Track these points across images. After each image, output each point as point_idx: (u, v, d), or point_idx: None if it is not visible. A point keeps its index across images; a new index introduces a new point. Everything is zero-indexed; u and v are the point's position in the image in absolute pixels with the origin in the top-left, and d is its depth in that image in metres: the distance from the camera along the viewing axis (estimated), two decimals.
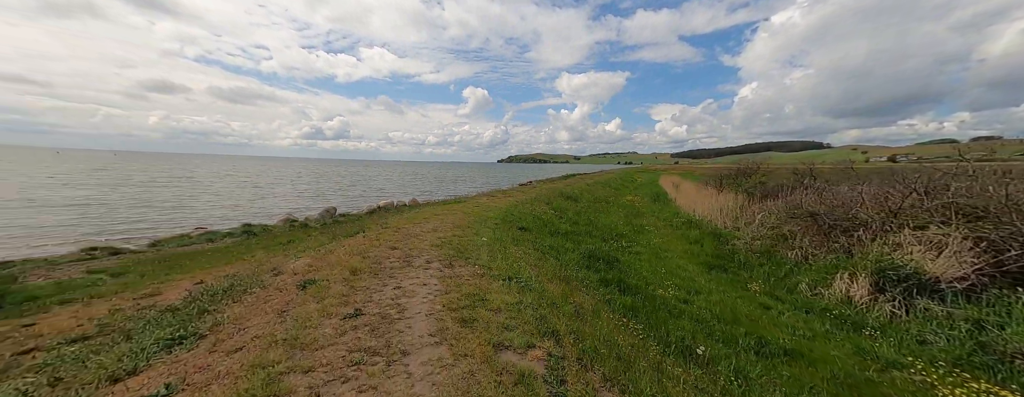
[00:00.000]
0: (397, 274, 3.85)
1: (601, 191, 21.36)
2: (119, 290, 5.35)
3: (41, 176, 31.31)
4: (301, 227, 11.74)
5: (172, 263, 7.42)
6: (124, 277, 6.39)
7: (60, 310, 4.52)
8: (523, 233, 7.46)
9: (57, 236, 11.82)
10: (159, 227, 13.53)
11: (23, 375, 2.95)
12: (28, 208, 16.83)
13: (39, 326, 3.96)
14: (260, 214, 16.70)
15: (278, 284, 4.29)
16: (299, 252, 6.69)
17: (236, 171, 56.44)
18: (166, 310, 3.99)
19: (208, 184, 32.27)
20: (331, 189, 31.80)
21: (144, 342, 3.04)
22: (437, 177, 59.31)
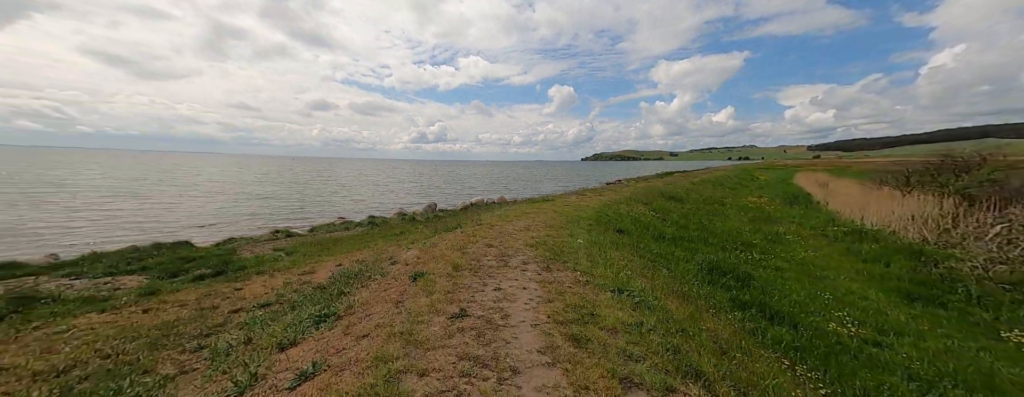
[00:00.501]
0: (496, 274, 3.69)
1: (711, 191, 17.95)
2: (290, 266, 6.66)
3: (252, 177, 42.64)
4: (410, 220, 13.11)
5: (323, 246, 9.01)
6: (293, 256, 7.98)
7: (256, 279, 5.82)
8: (622, 236, 6.57)
9: (258, 221, 15.76)
10: (314, 216, 16.86)
11: (231, 331, 3.80)
12: (246, 199, 22.95)
13: (243, 290, 5.15)
14: (380, 208, 19.38)
15: (394, 273, 4.66)
16: (409, 244, 7.34)
17: (364, 172, 67.33)
18: (317, 288, 4.73)
19: (345, 182, 39.25)
20: (431, 187, 35.25)
21: (302, 315, 3.56)
22: (522, 176, 60.37)
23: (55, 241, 9.80)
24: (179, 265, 6.32)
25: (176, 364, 2.78)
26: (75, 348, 2.97)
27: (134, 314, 3.80)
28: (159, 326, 3.50)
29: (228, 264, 6.53)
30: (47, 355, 2.85)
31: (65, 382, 2.50)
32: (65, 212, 14.82)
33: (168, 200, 20.19)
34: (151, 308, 4.02)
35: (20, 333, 3.27)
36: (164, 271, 5.97)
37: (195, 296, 4.51)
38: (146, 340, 3.18)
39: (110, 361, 2.81)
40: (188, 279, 5.51)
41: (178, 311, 3.94)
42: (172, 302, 4.22)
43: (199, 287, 4.92)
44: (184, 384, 2.41)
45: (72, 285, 5.32)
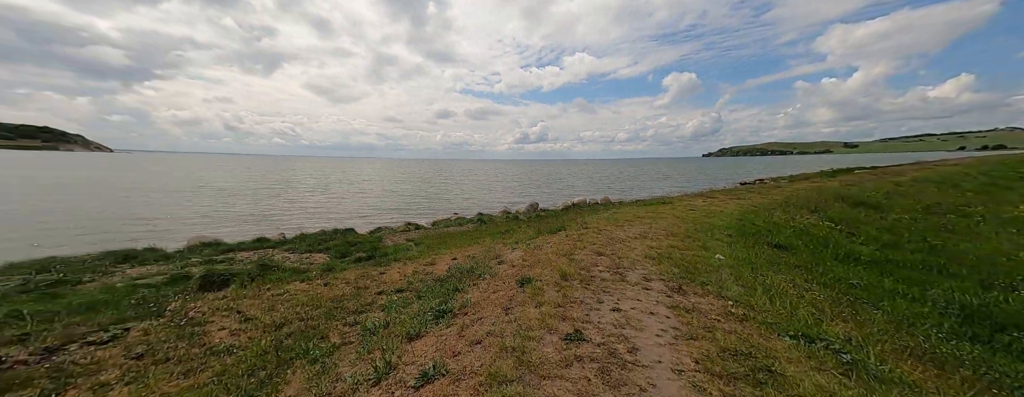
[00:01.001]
0: (611, 289, 3.26)
1: (936, 194, 12.58)
2: (417, 256, 7.76)
3: (393, 176, 53.01)
4: (513, 219, 13.60)
5: (442, 239, 10.22)
6: (420, 246, 9.31)
7: (394, 265, 6.98)
8: (783, 254, 5.15)
9: (396, 213, 19.31)
10: (435, 211, 19.49)
11: (375, 311, 4.56)
12: (388, 195, 28.55)
13: (385, 275, 6.22)
14: (487, 206, 20.94)
15: (502, 274, 4.75)
16: (514, 243, 7.49)
17: (473, 172, 74.66)
18: (437, 280, 5.27)
19: (458, 181, 44.28)
20: (532, 186, 36.16)
21: (425, 306, 3.96)
22: (627, 174, 55.85)
23: (282, 223, 14.12)
24: (346, 248, 8.11)
25: (340, 335, 3.41)
26: (286, 309, 4.00)
27: (318, 286, 4.96)
28: (332, 299, 4.43)
29: (376, 250, 8.01)
30: (271, 312, 3.92)
31: (279, 335, 3.35)
32: (287, 202, 21.19)
33: (341, 195, 26.52)
34: (329, 282, 5.17)
35: (260, 291, 4.65)
36: (337, 252, 7.74)
37: (354, 276, 5.61)
38: (324, 310, 4.04)
39: (304, 324, 3.66)
40: (351, 260, 6.96)
41: (343, 288, 4.93)
42: (340, 279, 5.34)
43: (357, 268, 6.13)
44: (343, 355, 2.90)
45: (288, 257, 7.43)
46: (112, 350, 2.94)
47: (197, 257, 7.08)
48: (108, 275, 5.91)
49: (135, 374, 2.63)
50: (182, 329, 3.37)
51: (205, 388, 2.47)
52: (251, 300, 4.31)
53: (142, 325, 3.47)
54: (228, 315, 3.81)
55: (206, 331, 3.41)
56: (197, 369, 2.77)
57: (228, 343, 3.20)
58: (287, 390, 2.38)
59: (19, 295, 4.27)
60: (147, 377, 2.61)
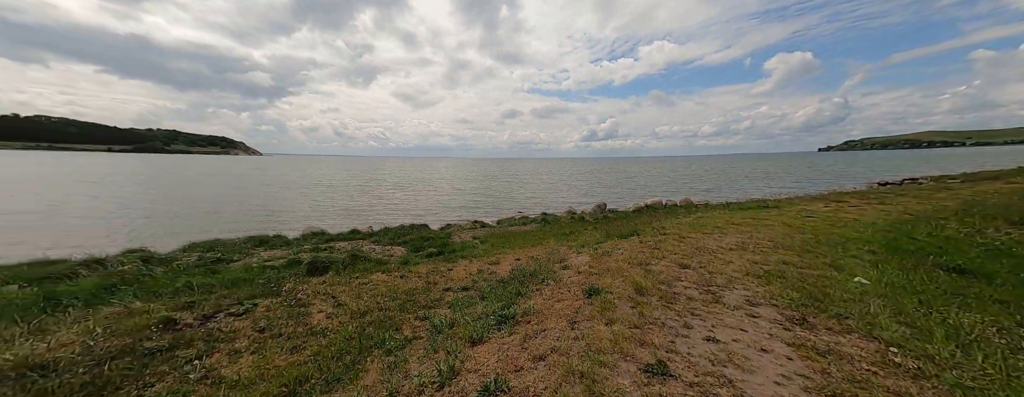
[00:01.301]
0: (702, 312, 2.78)
1: None
2: (482, 255, 7.98)
3: (463, 175, 56.41)
4: (579, 220, 13.08)
5: (506, 239, 10.37)
6: (485, 245, 9.59)
7: (461, 262, 7.30)
8: (967, 282, 3.71)
9: (463, 211, 20.40)
10: (500, 210, 19.97)
11: (443, 308, 4.77)
12: (457, 193, 30.40)
13: (453, 272, 6.51)
14: (551, 205, 20.64)
15: (566, 280, 4.50)
16: (579, 246, 7.13)
17: (538, 170, 74.73)
18: (500, 282, 5.29)
19: (523, 180, 44.72)
20: (599, 185, 34.47)
21: (488, 309, 3.97)
22: (714, 172, 49.46)
23: (370, 217, 16.07)
24: (420, 243, 8.78)
25: (411, 328, 3.61)
26: (369, 298, 4.43)
27: (396, 278, 5.41)
28: (407, 291, 4.76)
29: (445, 246, 8.48)
30: (358, 299, 4.38)
31: (362, 323, 3.70)
32: (375, 198, 24.06)
33: (417, 192, 29.03)
34: (404, 275, 5.61)
35: (350, 279, 5.27)
36: (413, 246, 8.42)
37: (426, 270, 5.99)
38: (399, 302, 4.36)
39: (382, 313, 3.99)
40: (424, 255, 7.49)
41: (416, 281, 5.29)
42: (414, 273, 5.75)
43: (428, 263, 6.55)
44: (412, 351, 3.04)
45: (374, 249, 8.35)
46: (244, 321, 3.60)
47: (308, 244, 8.45)
48: (249, 256, 7.42)
49: (258, 345, 3.15)
50: (292, 309, 3.96)
51: (305, 365, 2.81)
52: (343, 286, 4.90)
53: (265, 301, 4.18)
54: (325, 299, 4.37)
55: (309, 312, 3.95)
56: (300, 346, 3.20)
57: (324, 325, 3.64)
58: (365, 378, 2.57)
59: (194, 269, 5.63)
60: (265, 349, 3.10)
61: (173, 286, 4.46)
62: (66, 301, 3.90)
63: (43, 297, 3.87)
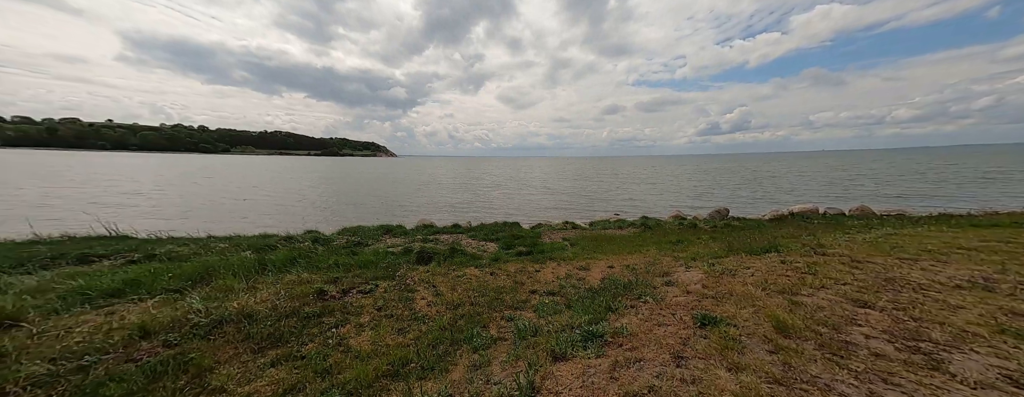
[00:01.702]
0: (903, 382, 1.84)
1: None
2: (572, 257, 7.68)
3: (557, 173, 56.43)
4: (690, 226, 11.28)
5: (598, 242, 9.75)
6: (575, 247, 9.22)
7: (549, 264, 7.18)
8: None
9: (554, 211, 20.25)
10: (594, 211, 19.00)
11: (528, 311, 4.74)
12: (549, 193, 30.49)
13: (540, 274, 6.45)
14: (653, 209, 18.48)
15: (670, 299, 3.86)
16: (689, 259, 6.09)
17: (640, 169, 68.39)
18: (589, 290, 4.93)
19: (621, 180, 41.61)
20: (717, 188, 29.15)
21: (575, 320, 3.72)
22: (913, 171, 35.98)
23: (468, 213, 17.57)
24: (511, 241, 9.06)
25: (497, 328, 3.67)
26: (462, 291, 4.75)
27: (486, 274, 5.67)
28: (495, 289, 4.92)
29: (535, 246, 8.51)
30: (453, 291, 4.75)
31: (455, 315, 3.97)
32: (473, 195, 26.20)
33: (511, 190, 30.27)
34: (494, 272, 5.84)
35: (448, 270, 5.79)
36: (504, 243, 8.76)
37: (514, 269, 6.10)
38: (488, 298, 4.53)
39: (473, 308, 4.21)
40: (514, 253, 7.68)
41: (504, 279, 5.42)
42: (502, 271, 5.92)
43: (517, 261, 6.67)
44: (496, 352, 3.06)
45: (470, 243, 9.04)
46: (368, 299, 4.32)
47: (419, 235, 9.78)
48: (378, 242, 9.04)
49: (375, 323, 3.71)
50: (402, 293, 4.56)
51: (407, 348, 3.16)
52: (441, 277, 5.41)
53: (384, 284, 4.94)
54: (427, 287, 4.88)
55: (413, 298, 4.48)
56: (405, 329, 3.62)
57: (424, 312, 4.05)
58: (453, 373, 2.70)
59: (341, 250, 7.15)
60: (380, 327, 3.62)
61: (327, 262, 5.74)
62: (268, 267, 5.46)
63: (257, 262, 5.52)
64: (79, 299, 3.87)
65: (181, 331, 3.17)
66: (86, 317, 3.40)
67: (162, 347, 2.93)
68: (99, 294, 4.01)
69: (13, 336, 2.94)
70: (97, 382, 2.35)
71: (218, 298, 4.03)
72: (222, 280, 4.55)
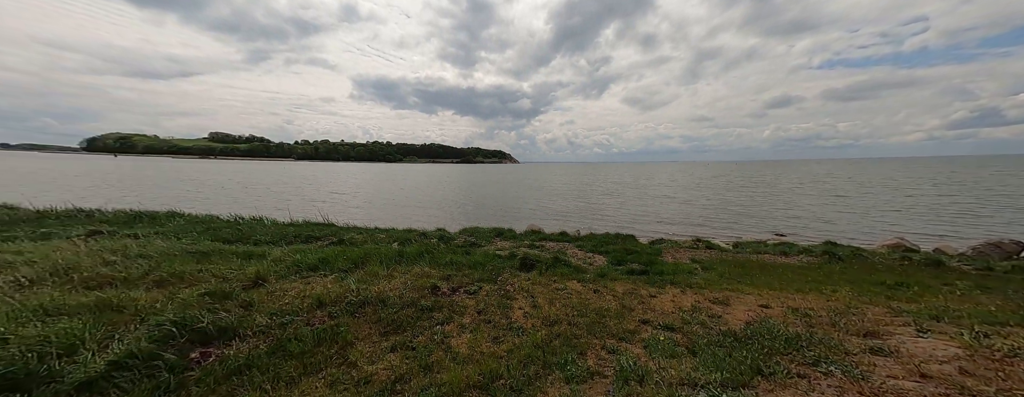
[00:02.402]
0: None
1: None
2: (702, 285, 6.23)
3: (691, 182, 48.58)
4: (926, 264, 7.59)
5: (745, 269, 7.63)
6: (709, 272, 7.49)
7: (668, 290, 5.97)
8: None
9: (682, 225, 17.22)
10: (739, 229, 15.19)
11: (635, 346, 4.03)
12: (676, 203, 26.41)
13: (655, 300, 5.44)
14: (850, 231, 13.31)
15: (884, 383, 2.54)
16: (925, 314, 4.01)
17: (830, 177, 51.31)
18: (727, 335, 3.80)
19: (786, 190, 32.10)
20: (987, 206, 18.82)
21: (698, 376, 2.90)
22: None
23: (578, 221, 16.97)
24: (623, 255, 8.17)
25: (596, 359, 3.26)
26: (560, 306, 4.50)
27: (589, 291, 5.23)
28: (598, 310, 4.45)
29: (651, 265, 7.39)
30: (551, 305, 4.56)
31: (550, 333, 3.76)
32: (586, 202, 25.23)
33: (629, 199, 27.77)
34: (598, 290, 5.33)
35: (549, 281, 5.62)
36: (614, 258, 7.97)
37: (622, 290, 5.40)
38: (588, 320, 4.13)
39: (570, 328, 3.91)
40: (624, 270, 6.87)
41: (610, 300, 4.85)
42: (608, 290, 5.33)
43: (627, 281, 5.89)
44: (592, 390, 2.68)
45: (576, 254, 8.62)
46: (472, 300, 4.60)
47: (527, 240, 10.03)
48: (490, 244, 9.75)
49: (475, 326, 3.89)
50: (501, 299, 4.67)
51: (499, 360, 3.15)
52: (541, 288, 5.28)
53: (487, 287, 5.19)
54: (526, 297, 4.85)
55: (512, 306, 4.50)
56: (500, 338, 3.65)
57: (520, 323, 4.01)
58: None
59: (458, 249, 8.01)
60: (479, 331, 3.77)
61: (444, 259, 6.50)
62: (404, 258, 6.60)
63: (397, 254, 6.77)
64: (295, 269, 5.59)
65: (340, 305, 4.11)
66: (295, 284, 4.86)
67: (328, 317, 3.86)
68: (305, 267, 5.69)
69: (259, 291, 4.45)
70: (288, 338, 3.26)
71: (367, 281, 5.07)
72: (372, 266, 5.73)
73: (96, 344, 2.76)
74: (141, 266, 5.24)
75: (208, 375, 2.58)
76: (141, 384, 2.35)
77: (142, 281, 4.65)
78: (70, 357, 2.54)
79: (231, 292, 4.23)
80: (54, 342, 2.63)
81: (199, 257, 6.16)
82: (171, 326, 2.98)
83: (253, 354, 2.90)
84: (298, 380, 2.65)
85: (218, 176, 48.90)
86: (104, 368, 2.36)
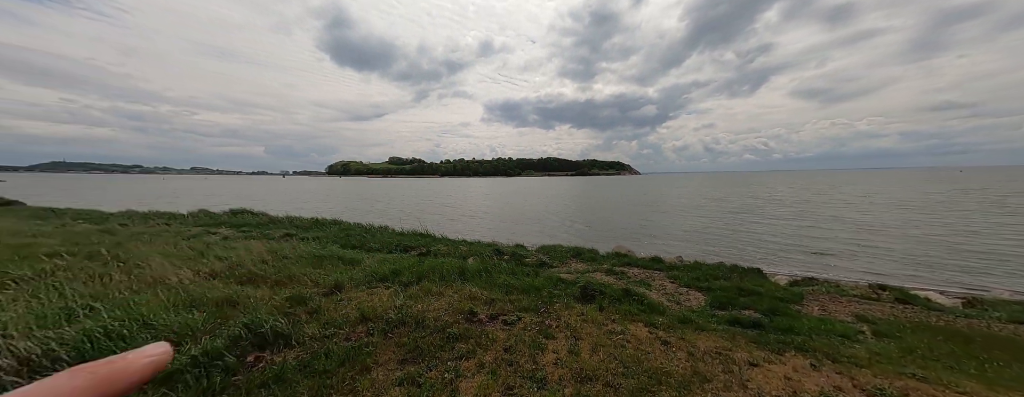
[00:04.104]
0: None
1: None
2: (860, 360, 4.10)
3: (902, 198, 35.15)
4: None
5: (967, 347, 4.77)
6: (883, 341, 4.95)
7: (791, 360, 4.04)
8: None
9: (849, 261, 12.09)
10: (985, 275, 9.80)
11: None
12: (858, 229, 19.12)
13: (758, 373, 3.75)
14: None
15: None
16: None
17: None
18: None
19: None
20: None
21: None
22: None
23: (683, 245, 14.26)
24: (732, 296, 6.34)
25: None
26: (603, 358, 3.72)
27: (655, 342, 4.17)
28: (653, 372, 3.49)
29: (777, 313, 5.48)
30: (593, 353, 3.81)
31: (577, 393, 3.11)
32: (705, 218, 21.21)
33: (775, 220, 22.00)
34: (669, 342, 4.20)
35: (606, 319, 4.77)
36: (717, 298, 6.26)
37: (707, 346, 4.11)
38: (633, 385, 3.26)
39: (604, 392, 3.15)
40: (726, 318, 5.28)
41: (678, 361, 3.74)
42: (685, 344, 4.14)
43: (721, 335, 4.46)
44: None
45: (664, 286, 7.18)
46: (504, 334, 4.29)
47: (607, 264, 8.99)
48: (563, 264, 9.16)
49: (494, 366, 3.57)
50: (536, 336, 4.20)
51: None
52: (593, 327, 4.53)
53: (527, 317, 4.78)
54: (568, 338, 4.23)
55: (546, 348, 3.99)
56: (514, 389, 3.23)
57: (546, 373, 3.48)
58: None
59: (521, 270, 7.77)
60: (495, 374, 3.43)
61: (499, 280, 6.37)
62: (465, 274, 6.79)
63: (458, 269, 7.03)
64: (370, 279, 6.43)
65: (380, 322, 4.45)
66: (360, 294, 5.57)
67: (365, 334, 4.22)
68: (377, 278, 6.49)
69: (330, 299, 5.25)
70: (322, 353, 3.67)
71: (417, 297, 5.38)
72: (428, 282, 6.09)
73: (202, 335, 3.73)
74: (276, 267, 6.94)
75: (248, 382, 3.11)
76: (200, 382, 3.01)
77: (268, 280, 6.15)
78: (179, 346, 3.49)
79: (308, 297, 5.13)
80: (177, 332, 3.69)
81: (316, 261, 7.74)
82: (242, 328, 3.77)
83: (285, 367, 3.35)
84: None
85: (383, 191, 63.26)
86: (186, 362, 3.14)
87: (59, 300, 4.39)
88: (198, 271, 6.36)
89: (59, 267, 6.30)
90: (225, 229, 13.42)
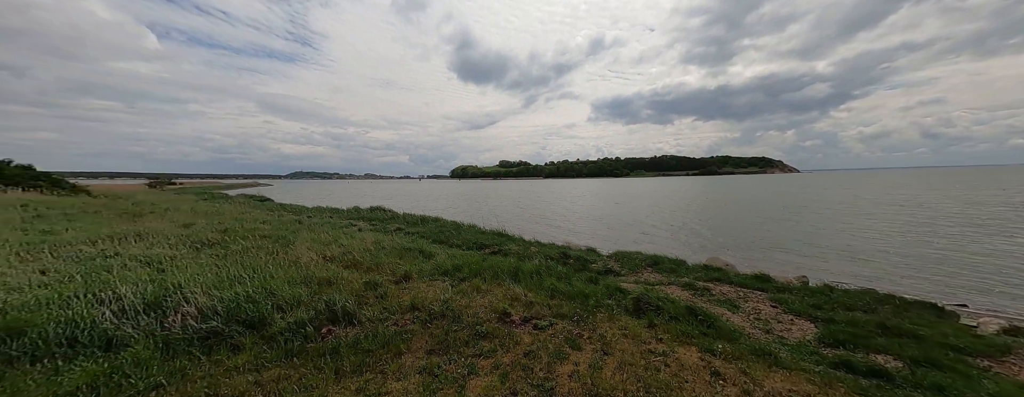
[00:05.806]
0: None
1: None
2: None
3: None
4: None
5: None
6: None
7: None
8: None
9: None
10: None
11: None
12: None
13: None
14: None
15: None
16: None
17: None
18: None
19: None
20: None
21: None
22: None
23: (837, 263, 11.04)
24: (862, 333, 4.78)
25: None
26: (627, 379, 3.41)
27: (702, 371, 3.57)
28: None
29: (928, 365, 3.92)
30: (618, 373, 3.52)
31: None
32: (875, 234, 15.98)
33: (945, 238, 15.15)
34: (722, 373, 3.53)
35: (651, 337, 4.27)
36: (831, 332, 4.83)
37: (776, 388, 3.30)
38: None
39: None
40: (826, 359, 4.05)
41: None
42: (744, 381, 3.42)
43: (808, 378, 3.48)
44: None
45: (759, 311, 5.88)
46: (530, 338, 4.34)
47: (689, 277, 7.87)
48: (632, 274, 8.43)
49: (508, 370, 3.69)
50: (561, 346, 4.12)
51: None
52: (630, 343, 4.16)
53: (561, 324, 4.70)
54: (595, 351, 4.02)
55: (568, 358, 3.89)
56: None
57: (557, 384, 3.43)
58: None
59: (576, 275, 7.50)
60: (506, 378, 3.56)
61: (547, 284, 6.35)
62: (519, 274, 6.99)
63: (514, 269, 7.26)
64: (434, 272, 7.27)
65: (424, 312, 5.06)
66: (421, 285, 6.40)
67: (410, 321, 4.88)
68: (440, 272, 7.29)
69: (397, 287, 6.21)
70: (371, 334, 4.41)
71: (466, 293, 5.88)
72: (478, 280, 6.54)
73: (302, 306, 5.01)
74: (373, 256, 8.53)
75: (315, 350, 4.03)
76: (287, 343, 4.08)
77: (362, 266, 7.64)
78: (285, 313, 4.77)
79: (380, 284, 6.19)
80: (288, 301, 5.04)
81: (403, 253, 9.16)
82: (323, 305, 4.87)
83: (342, 342, 4.20)
84: (345, 376, 3.57)
85: (486, 191, 69.99)
86: (284, 327, 4.29)
87: (234, 267, 6.51)
88: (322, 255, 8.31)
89: (252, 246, 9.15)
90: (362, 223, 16.99)
